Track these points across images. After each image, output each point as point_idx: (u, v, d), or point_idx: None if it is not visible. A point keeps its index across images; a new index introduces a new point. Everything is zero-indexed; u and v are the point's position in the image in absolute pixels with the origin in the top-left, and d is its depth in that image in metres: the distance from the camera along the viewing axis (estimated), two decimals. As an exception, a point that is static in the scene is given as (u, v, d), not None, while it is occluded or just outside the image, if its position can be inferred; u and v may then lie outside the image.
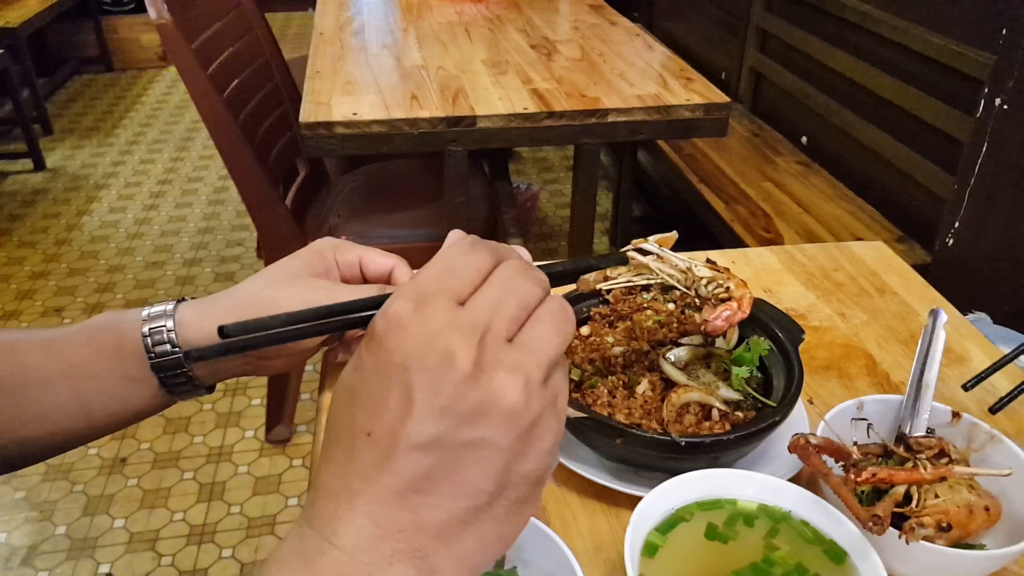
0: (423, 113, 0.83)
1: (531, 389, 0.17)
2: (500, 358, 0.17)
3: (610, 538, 0.32)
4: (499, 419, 0.17)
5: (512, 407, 0.17)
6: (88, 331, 0.29)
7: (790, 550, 0.28)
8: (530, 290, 0.18)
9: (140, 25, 2.63)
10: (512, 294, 0.18)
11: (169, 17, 0.81)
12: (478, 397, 0.16)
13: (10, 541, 0.96)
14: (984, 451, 0.33)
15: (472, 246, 0.19)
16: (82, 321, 0.29)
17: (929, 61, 1.00)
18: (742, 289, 0.31)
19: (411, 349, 0.17)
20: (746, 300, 0.31)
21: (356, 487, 0.17)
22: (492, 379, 0.17)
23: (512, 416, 0.17)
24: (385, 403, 0.17)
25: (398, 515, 0.17)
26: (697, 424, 0.33)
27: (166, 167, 1.98)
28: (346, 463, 0.17)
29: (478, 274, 0.18)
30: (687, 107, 0.87)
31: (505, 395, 0.17)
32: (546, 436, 0.18)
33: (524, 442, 0.17)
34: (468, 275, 0.18)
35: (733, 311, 0.31)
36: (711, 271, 0.31)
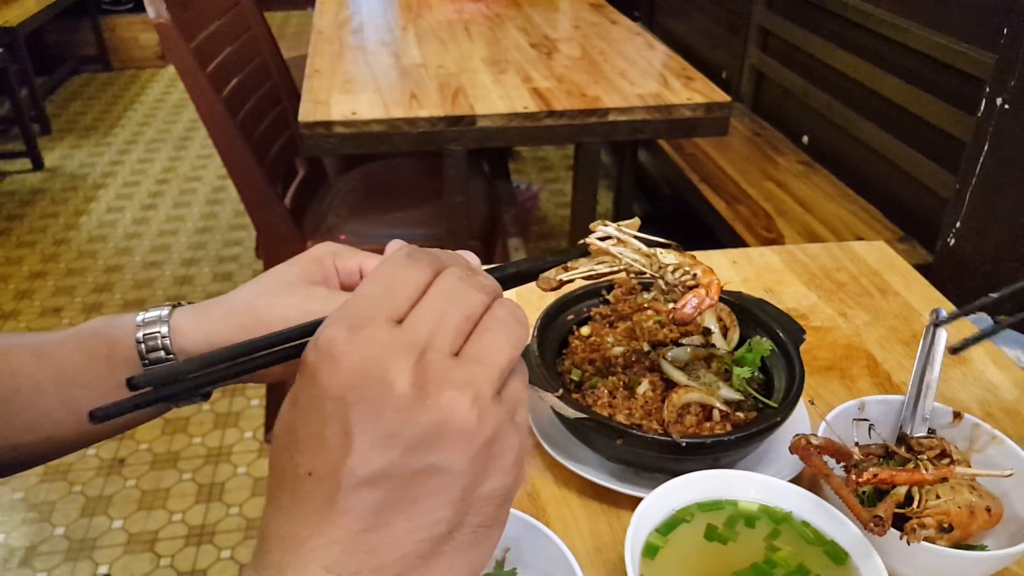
0: (422, 112, 0.83)
1: (483, 404, 0.16)
2: (445, 375, 0.16)
3: (611, 539, 0.32)
4: (450, 441, 0.15)
5: (463, 426, 0.15)
6: (81, 337, 0.28)
7: (791, 551, 0.28)
8: (474, 298, 0.17)
9: (139, 24, 2.62)
10: (454, 304, 0.17)
11: (168, 16, 0.80)
12: (424, 420, 0.15)
13: (8, 542, 0.95)
14: (985, 452, 0.33)
15: (409, 258, 0.18)
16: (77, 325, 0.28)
17: (931, 60, 0.99)
18: (709, 276, 0.30)
19: (346, 380, 0.15)
20: (714, 287, 0.30)
21: (303, 533, 0.16)
22: (438, 399, 0.15)
23: (464, 436, 0.16)
24: (324, 440, 0.15)
25: (352, 558, 0.15)
26: (698, 425, 0.33)
27: (164, 167, 1.97)
28: (291, 507, 0.16)
29: (416, 288, 0.17)
30: (688, 106, 0.87)
31: (454, 415, 0.15)
32: (506, 453, 0.16)
33: (482, 462, 0.16)
34: (405, 290, 0.17)
35: (701, 298, 0.30)
36: (677, 257, 0.30)
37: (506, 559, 0.28)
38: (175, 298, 1.44)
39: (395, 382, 0.15)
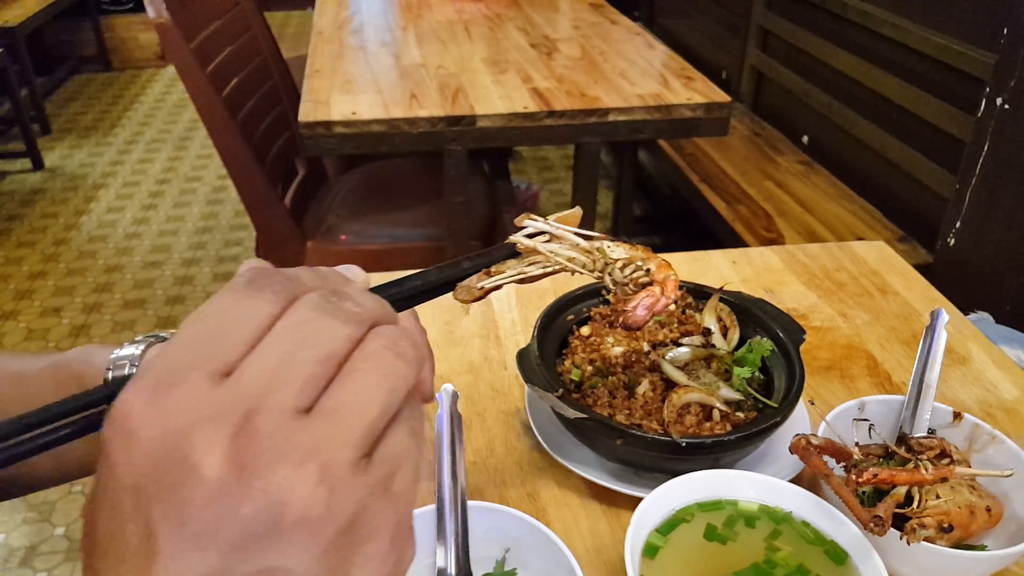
0: (422, 112, 0.83)
1: (336, 478, 0.12)
2: (280, 444, 0.12)
3: (610, 539, 0.32)
4: (290, 535, 0.12)
5: (305, 513, 0.12)
6: (57, 369, 0.25)
7: (792, 551, 0.28)
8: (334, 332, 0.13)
9: (139, 24, 2.62)
10: (305, 344, 0.12)
11: (168, 16, 0.80)
12: (249, 512, 0.11)
13: (9, 542, 0.95)
14: (985, 452, 0.33)
15: (251, 286, 0.13)
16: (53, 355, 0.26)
17: (931, 60, 0.99)
18: (665, 270, 0.25)
19: (144, 463, 0.12)
20: (670, 283, 0.25)
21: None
22: (268, 480, 0.11)
23: (309, 526, 0.12)
24: (125, 545, 0.12)
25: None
26: (698, 425, 0.33)
27: (164, 167, 1.97)
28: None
29: (256, 327, 0.13)
30: (688, 106, 0.87)
31: (291, 498, 0.11)
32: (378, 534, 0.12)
33: (341, 555, 0.12)
34: (239, 331, 0.13)
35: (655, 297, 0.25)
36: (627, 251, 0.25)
37: (506, 559, 0.28)
38: (175, 299, 1.44)
39: (203, 463, 0.11)
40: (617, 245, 0.25)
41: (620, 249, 0.25)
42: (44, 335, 1.33)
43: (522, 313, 0.46)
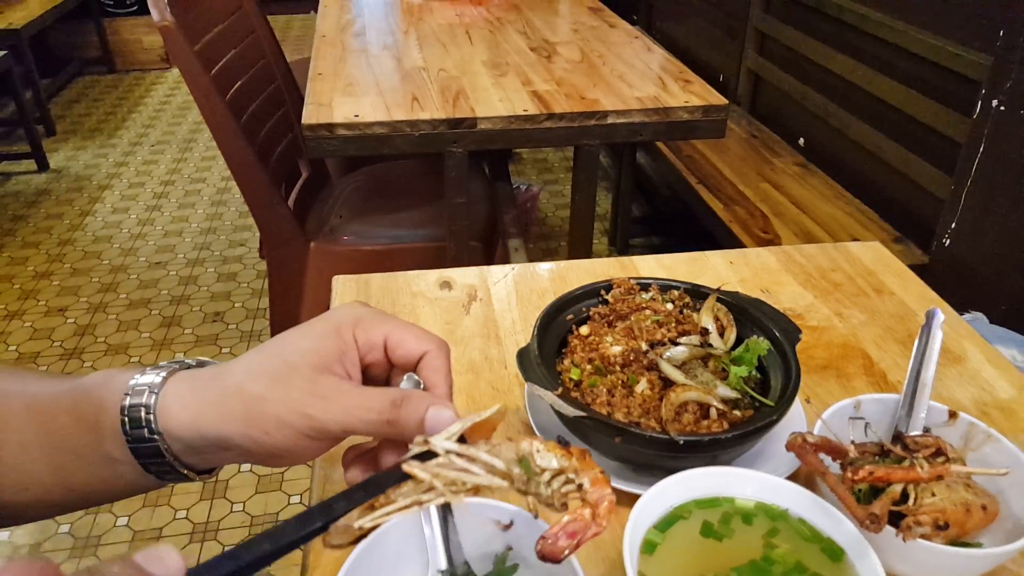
0: (424, 114, 0.83)
1: None
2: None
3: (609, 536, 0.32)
4: None
5: None
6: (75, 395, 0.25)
7: (790, 548, 0.28)
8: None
9: (142, 27, 2.64)
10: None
11: (172, 19, 0.81)
12: None
13: (13, 539, 0.96)
14: (981, 450, 0.33)
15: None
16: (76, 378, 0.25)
17: (927, 63, 1.00)
18: (601, 487, 0.21)
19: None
20: (603, 506, 0.21)
21: None
22: None
23: None
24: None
25: None
26: (695, 423, 0.33)
27: (169, 168, 1.98)
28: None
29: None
30: (686, 109, 0.87)
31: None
32: None
33: None
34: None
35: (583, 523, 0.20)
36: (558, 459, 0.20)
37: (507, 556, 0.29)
38: (180, 299, 1.45)
39: None
40: (548, 450, 0.21)
41: (551, 456, 0.21)
42: (49, 335, 1.34)
43: (522, 313, 0.47)
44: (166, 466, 0.25)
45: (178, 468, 0.25)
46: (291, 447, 0.24)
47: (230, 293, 1.46)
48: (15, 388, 0.26)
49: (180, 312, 1.40)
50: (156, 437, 0.24)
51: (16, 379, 0.26)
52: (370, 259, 1.00)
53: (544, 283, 0.50)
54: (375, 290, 0.48)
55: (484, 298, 0.48)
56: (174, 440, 0.25)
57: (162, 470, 0.26)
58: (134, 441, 0.24)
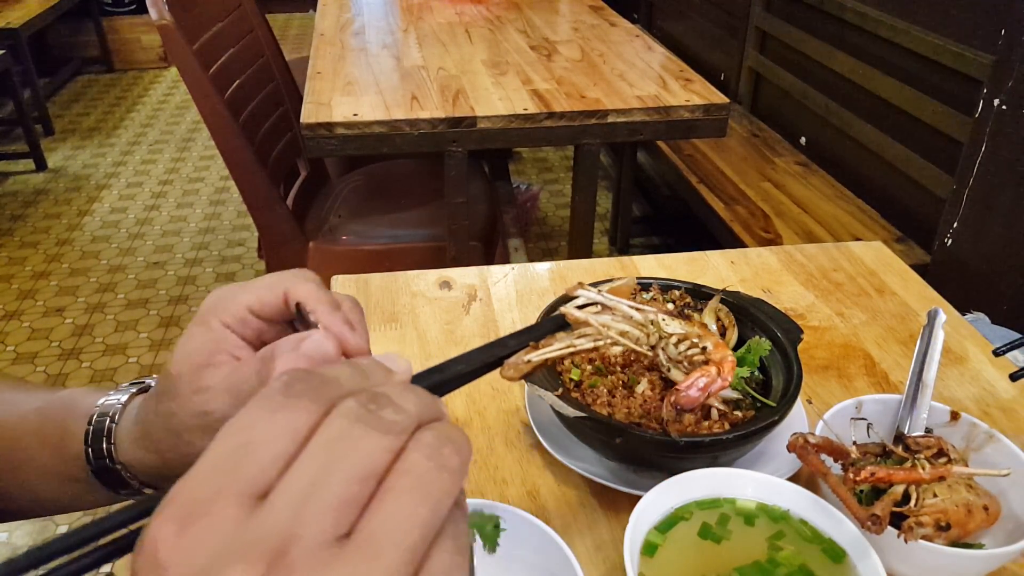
0: (423, 113, 0.83)
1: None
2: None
3: (610, 537, 0.32)
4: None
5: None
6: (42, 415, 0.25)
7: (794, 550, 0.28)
8: (374, 447, 0.12)
9: (141, 26, 2.63)
10: (341, 463, 0.12)
11: (170, 18, 0.81)
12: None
13: (11, 540, 0.96)
14: (983, 451, 0.33)
15: (284, 394, 0.12)
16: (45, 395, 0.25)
17: (928, 62, 1.00)
18: (722, 350, 0.25)
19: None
20: (727, 364, 0.25)
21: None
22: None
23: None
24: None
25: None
26: (696, 423, 0.33)
27: (167, 167, 1.98)
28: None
29: (289, 443, 0.12)
30: (686, 108, 0.87)
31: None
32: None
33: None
34: (271, 449, 0.12)
35: (711, 378, 0.24)
36: (683, 327, 0.24)
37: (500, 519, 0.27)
38: (178, 298, 1.44)
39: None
40: (672, 319, 0.24)
41: (675, 324, 0.24)
42: (47, 335, 1.33)
43: (522, 313, 0.46)
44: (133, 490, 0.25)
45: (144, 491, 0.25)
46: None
47: (229, 293, 1.46)
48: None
49: (178, 312, 1.40)
50: (119, 467, 0.24)
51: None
52: (369, 259, 0.99)
53: (544, 283, 0.49)
54: (375, 290, 0.48)
55: (484, 298, 0.48)
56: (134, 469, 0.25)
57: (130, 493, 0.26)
58: (98, 472, 0.24)
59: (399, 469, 0.12)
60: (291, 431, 0.12)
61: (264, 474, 0.12)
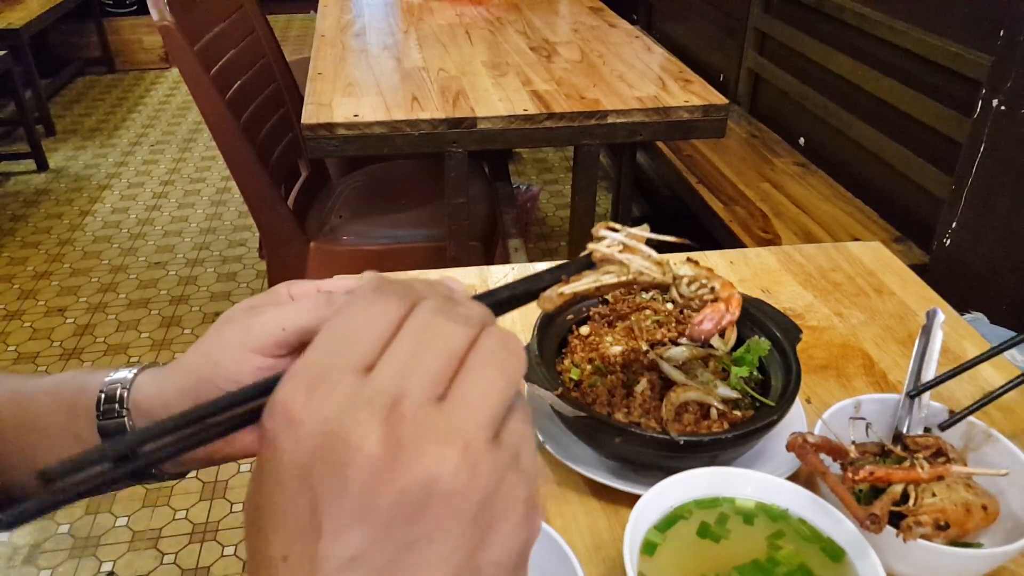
0: (424, 114, 0.83)
1: (476, 455, 0.13)
2: (425, 427, 0.13)
3: (609, 536, 0.32)
4: (440, 506, 0.13)
5: (453, 485, 0.13)
6: (57, 380, 0.27)
7: (793, 549, 0.28)
8: (455, 333, 0.14)
9: (142, 27, 2.63)
10: (431, 343, 0.14)
11: (171, 19, 0.81)
12: (403, 485, 0.13)
13: (13, 540, 0.96)
14: (981, 450, 0.33)
15: (376, 293, 0.15)
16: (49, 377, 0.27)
17: (927, 62, 1.00)
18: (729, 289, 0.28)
19: (307, 448, 0.13)
20: (734, 301, 0.28)
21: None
22: (418, 457, 0.13)
23: (456, 497, 0.13)
24: (294, 520, 0.13)
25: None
26: (696, 423, 0.33)
27: (169, 168, 1.98)
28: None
29: (386, 327, 0.14)
30: (686, 108, 0.87)
31: (440, 473, 0.13)
32: (512, 507, 0.14)
33: (483, 526, 0.13)
34: (373, 332, 0.14)
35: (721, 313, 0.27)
36: (692, 269, 0.28)
37: None
38: (179, 299, 1.45)
39: (363, 443, 0.13)
40: (683, 264, 0.27)
41: (686, 267, 0.28)
42: (49, 335, 1.34)
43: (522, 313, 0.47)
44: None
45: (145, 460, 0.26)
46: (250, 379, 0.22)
47: (230, 293, 1.46)
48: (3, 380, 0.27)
49: (180, 312, 1.40)
50: (125, 412, 0.25)
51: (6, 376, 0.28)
52: (370, 259, 1.00)
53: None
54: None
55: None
56: (141, 415, 0.26)
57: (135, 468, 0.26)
58: (104, 416, 0.25)
59: (477, 351, 0.14)
60: (386, 319, 0.15)
61: (369, 351, 0.14)
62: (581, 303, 0.40)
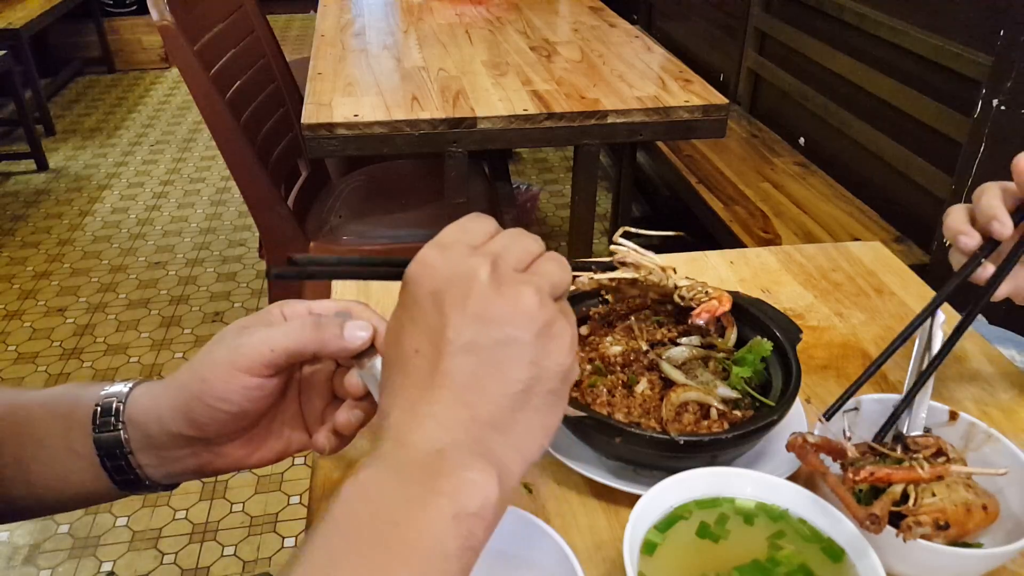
0: (424, 114, 0.83)
1: (543, 298, 0.21)
2: (515, 276, 0.21)
3: (609, 536, 0.32)
4: (521, 319, 0.20)
5: (529, 308, 0.20)
6: (53, 393, 0.28)
7: (794, 549, 0.28)
8: (531, 243, 0.22)
9: (142, 26, 2.63)
10: (517, 244, 0.22)
11: (171, 18, 0.81)
12: (501, 303, 0.20)
13: (12, 540, 0.96)
14: (981, 450, 0.33)
15: (478, 216, 0.23)
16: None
17: (927, 62, 1.00)
18: (719, 291, 0.36)
19: (440, 277, 0.21)
20: (724, 298, 0.36)
21: (415, 397, 0.20)
22: (511, 288, 0.20)
23: (531, 315, 0.20)
24: (426, 324, 0.20)
25: (456, 412, 0.20)
26: (696, 423, 0.33)
27: (168, 167, 1.98)
28: (403, 381, 0.21)
29: (486, 233, 0.22)
30: (686, 108, 0.87)
31: (522, 300, 0.20)
32: (563, 335, 0.21)
33: (545, 339, 0.20)
34: (479, 231, 0.22)
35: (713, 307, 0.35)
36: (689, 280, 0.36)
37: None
38: (179, 299, 1.45)
39: (479, 275, 0.20)
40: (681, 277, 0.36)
41: (683, 279, 0.36)
42: (49, 335, 1.34)
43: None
44: (122, 461, 0.27)
45: (132, 465, 0.27)
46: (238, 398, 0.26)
47: (230, 293, 1.46)
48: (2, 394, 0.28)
49: (179, 312, 1.40)
50: (121, 424, 0.26)
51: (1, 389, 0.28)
52: (370, 259, 0.99)
53: (544, 283, 0.49)
54: (375, 290, 0.48)
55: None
56: (136, 428, 0.27)
57: (117, 465, 0.27)
58: (100, 429, 0.26)
59: (545, 256, 0.22)
60: (487, 228, 0.23)
61: (479, 240, 0.22)
62: (582, 303, 0.40)
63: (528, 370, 0.20)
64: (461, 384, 0.20)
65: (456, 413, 0.20)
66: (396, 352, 0.21)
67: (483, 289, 0.20)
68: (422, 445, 0.19)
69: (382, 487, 0.19)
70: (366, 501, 0.18)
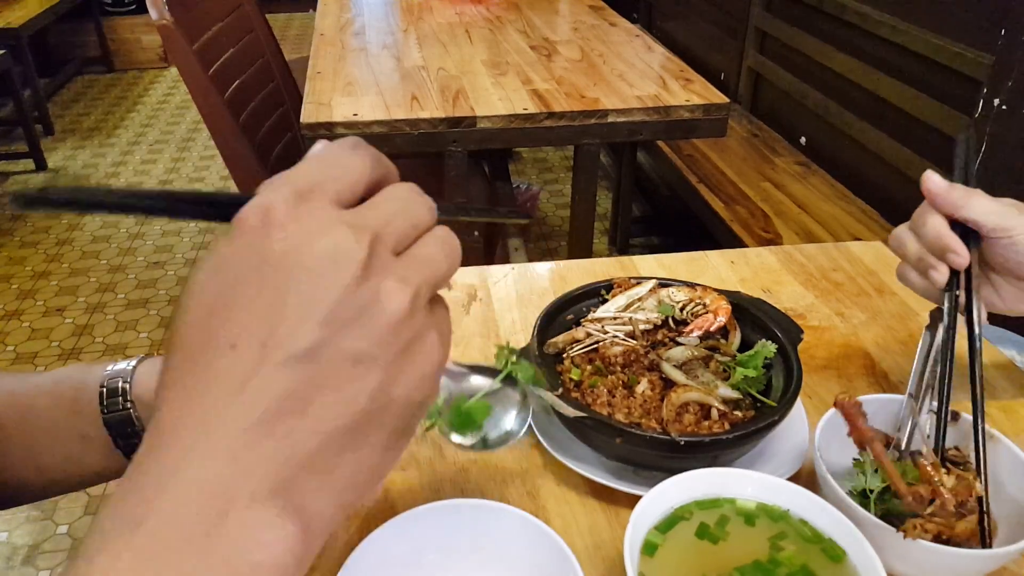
0: (423, 114, 0.83)
1: (417, 304, 0.15)
2: (389, 265, 0.15)
3: (609, 537, 0.32)
4: (382, 330, 0.14)
5: (397, 317, 0.15)
6: (55, 378, 0.27)
7: (795, 550, 0.28)
8: (421, 211, 0.16)
9: (141, 26, 2.63)
10: (403, 210, 0.16)
11: (170, 18, 0.81)
12: (363, 303, 0.14)
13: (12, 540, 0.96)
14: (982, 450, 0.33)
15: (355, 148, 0.16)
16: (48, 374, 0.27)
17: (928, 62, 1.00)
18: (717, 302, 0.36)
19: (288, 247, 0.14)
20: (721, 309, 0.36)
21: (211, 412, 0.14)
22: (380, 284, 0.15)
23: (396, 328, 0.15)
24: (255, 308, 0.14)
25: (262, 443, 0.14)
26: (696, 423, 0.33)
27: (167, 167, 1.98)
28: (197, 387, 0.14)
29: (362, 179, 0.16)
30: (686, 108, 0.87)
31: (391, 303, 0.15)
32: (428, 359, 0.16)
33: (404, 360, 0.15)
34: (351, 176, 0.16)
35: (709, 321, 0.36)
36: (686, 294, 0.35)
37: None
38: (177, 299, 1.44)
39: (346, 257, 0.14)
40: (679, 289, 0.36)
41: (681, 293, 0.36)
42: (47, 335, 1.33)
43: (522, 313, 0.46)
44: (135, 439, 0.27)
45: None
46: None
47: (229, 293, 1.46)
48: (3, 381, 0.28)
49: (179, 312, 1.40)
50: (129, 404, 0.26)
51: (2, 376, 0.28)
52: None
53: (544, 283, 0.49)
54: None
55: (484, 298, 0.48)
56: (144, 406, 0.26)
57: (130, 444, 0.27)
58: (109, 411, 0.26)
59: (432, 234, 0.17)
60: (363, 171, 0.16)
61: (348, 191, 0.16)
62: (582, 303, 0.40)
63: (374, 399, 0.15)
64: (280, 403, 0.14)
65: (261, 444, 0.14)
66: (198, 341, 0.14)
67: (348, 279, 0.14)
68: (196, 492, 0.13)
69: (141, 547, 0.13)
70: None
